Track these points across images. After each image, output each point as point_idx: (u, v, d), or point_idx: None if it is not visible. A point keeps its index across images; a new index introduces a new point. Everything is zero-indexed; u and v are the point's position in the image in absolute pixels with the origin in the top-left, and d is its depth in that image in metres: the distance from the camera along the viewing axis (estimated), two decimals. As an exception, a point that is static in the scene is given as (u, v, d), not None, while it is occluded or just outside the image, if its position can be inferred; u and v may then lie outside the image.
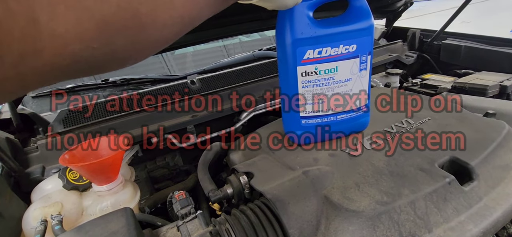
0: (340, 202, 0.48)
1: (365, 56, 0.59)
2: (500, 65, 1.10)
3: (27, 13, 0.17)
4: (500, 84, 0.96)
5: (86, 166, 0.59)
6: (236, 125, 0.91)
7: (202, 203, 0.75)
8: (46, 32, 0.18)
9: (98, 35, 0.21)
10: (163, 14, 0.25)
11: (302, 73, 0.58)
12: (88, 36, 0.20)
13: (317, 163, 0.58)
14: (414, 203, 0.48)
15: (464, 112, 0.73)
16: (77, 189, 0.66)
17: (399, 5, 1.37)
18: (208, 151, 0.78)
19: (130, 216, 0.50)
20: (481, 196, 0.51)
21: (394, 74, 1.19)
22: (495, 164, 0.56)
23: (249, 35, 1.76)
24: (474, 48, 1.20)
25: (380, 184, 0.51)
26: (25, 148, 0.77)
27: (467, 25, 5.85)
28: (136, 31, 0.24)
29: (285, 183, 0.53)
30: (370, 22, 0.57)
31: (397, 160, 0.57)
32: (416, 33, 1.39)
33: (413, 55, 1.35)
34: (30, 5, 0.17)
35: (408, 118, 0.70)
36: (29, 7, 0.17)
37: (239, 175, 0.59)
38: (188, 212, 0.54)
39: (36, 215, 0.59)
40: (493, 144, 0.58)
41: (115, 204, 0.64)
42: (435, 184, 0.50)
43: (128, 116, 0.85)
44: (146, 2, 0.23)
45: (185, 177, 0.90)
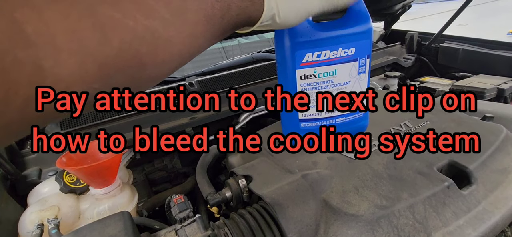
0: (339, 206, 0.48)
1: (364, 59, 0.59)
2: (497, 68, 1.11)
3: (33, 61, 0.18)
4: (497, 87, 0.97)
5: (83, 169, 0.59)
6: (235, 127, 0.91)
7: (200, 206, 0.75)
8: (50, 77, 0.19)
9: (100, 76, 0.22)
10: (162, 53, 0.25)
11: (301, 76, 0.58)
12: (90, 77, 0.21)
13: (316, 166, 0.58)
14: (413, 207, 0.48)
15: (462, 115, 0.73)
16: (74, 192, 0.66)
17: (398, 8, 1.38)
18: (207, 154, 0.78)
19: (127, 220, 0.49)
20: (480, 200, 0.51)
21: (393, 76, 1.19)
22: (493, 168, 0.56)
23: (248, 37, 1.76)
24: (471, 52, 1.20)
25: (379, 188, 0.51)
26: (22, 150, 0.76)
27: (465, 27, 5.89)
28: (136, 69, 0.24)
29: (284, 186, 0.53)
30: (368, 26, 0.57)
31: (396, 163, 0.57)
32: (414, 36, 1.40)
33: (411, 58, 1.35)
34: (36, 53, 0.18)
35: (406, 121, 0.70)
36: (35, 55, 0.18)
37: (238, 178, 0.59)
38: (187, 216, 0.53)
39: (32, 219, 0.58)
40: (491, 147, 0.58)
41: (112, 207, 0.64)
42: (434, 188, 0.50)
43: (126, 119, 0.85)
44: (147, 42, 0.24)
45: (184, 180, 0.90)
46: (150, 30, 0.24)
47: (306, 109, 0.61)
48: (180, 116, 0.90)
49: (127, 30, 0.22)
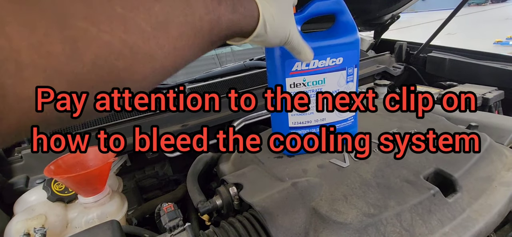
0: (328, 214, 0.49)
1: (352, 68, 0.60)
2: (483, 78, 1.14)
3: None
4: (482, 96, 1.00)
5: (72, 178, 0.58)
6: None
7: (191, 213, 0.75)
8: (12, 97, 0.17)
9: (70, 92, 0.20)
10: (142, 68, 0.23)
11: (290, 84, 0.59)
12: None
13: (306, 174, 0.59)
14: (400, 215, 0.49)
15: (448, 124, 0.75)
16: (62, 201, 0.65)
17: (387, 18, 1.41)
18: (198, 162, 0.77)
19: (116, 229, 0.49)
20: (464, 207, 0.52)
21: (382, 85, 1.22)
22: (478, 176, 0.57)
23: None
24: (458, 61, 1.24)
25: (367, 196, 0.52)
26: (9, 158, 0.75)
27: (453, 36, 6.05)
28: (112, 86, 0.22)
29: (274, 195, 0.53)
30: (356, 37, 0.58)
31: (384, 171, 0.58)
32: (403, 45, 1.43)
33: (400, 66, 1.38)
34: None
35: (395, 129, 0.72)
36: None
37: (229, 186, 0.59)
38: (176, 224, 0.53)
39: (18, 228, 0.57)
40: (476, 156, 0.60)
41: (101, 216, 0.63)
42: (420, 196, 0.51)
43: (118, 125, 0.84)
44: (124, 57, 0.22)
45: (175, 187, 0.89)
46: (129, 44, 0.22)
47: (294, 118, 0.62)
48: (172, 123, 0.90)
49: (102, 45, 0.20)
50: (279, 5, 0.39)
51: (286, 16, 0.41)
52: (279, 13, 0.39)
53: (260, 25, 0.37)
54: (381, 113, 0.83)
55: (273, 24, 0.38)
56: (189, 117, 0.92)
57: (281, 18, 0.39)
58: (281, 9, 0.40)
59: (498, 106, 1.05)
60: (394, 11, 1.36)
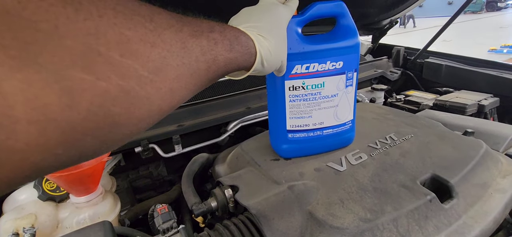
0: (324, 218, 0.48)
1: (351, 72, 0.60)
2: (478, 84, 1.15)
3: None
4: (478, 103, 1.00)
5: (64, 176, 0.57)
6: (223, 136, 0.90)
7: (185, 215, 0.74)
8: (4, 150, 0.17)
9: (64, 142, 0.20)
10: (138, 111, 0.23)
11: (289, 87, 0.58)
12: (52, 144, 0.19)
13: (302, 178, 0.58)
14: (397, 221, 0.48)
15: (445, 130, 0.75)
16: (53, 200, 0.63)
17: (385, 23, 1.42)
18: (193, 162, 0.77)
19: (108, 230, 0.48)
20: (460, 213, 0.52)
21: (379, 89, 1.22)
22: (474, 182, 0.57)
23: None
24: (454, 68, 1.25)
25: (364, 200, 0.52)
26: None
27: (449, 43, 6.13)
28: (108, 130, 0.22)
29: (270, 198, 0.53)
30: (356, 40, 0.58)
31: (380, 176, 0.57)
32: (400, 50, 1.44)
33: (398, 71, 1.39)
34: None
35: (392, 134, 0.72)
36: None
37: (224, 188, 0.58)
38: (170, 226, 0.52)
39: (7, 228, 0.56)
40: (472, 162, 0.60)
41: (93, 216, 0.62)
42: (417, 201, 0.51)
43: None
44: (120, 102, 0.21)
45: (169, 187, 0.88)
46: (125, 90, 0.22)
47: (293, 121, 0.62)
48: (168, 123, 0.89)
49: (98, 92, 0.20)
50: (275, 38, 0.40)
51: (282, 46, 0.43)
52: (275, 46, 0.40)
53: (258, 62, 0.38)
54: (378, 117, 0.83)
55: (270, 58, 0.39)
56: (185, 117, 0.91)
57: (277, 50, 0.41)
58: (277, 41, 0.40)
59: (493, 113, 1.06)
60: (393, 16, 1.37)
